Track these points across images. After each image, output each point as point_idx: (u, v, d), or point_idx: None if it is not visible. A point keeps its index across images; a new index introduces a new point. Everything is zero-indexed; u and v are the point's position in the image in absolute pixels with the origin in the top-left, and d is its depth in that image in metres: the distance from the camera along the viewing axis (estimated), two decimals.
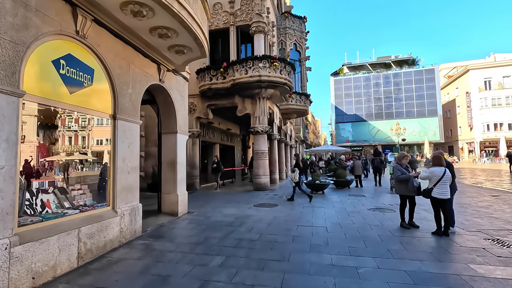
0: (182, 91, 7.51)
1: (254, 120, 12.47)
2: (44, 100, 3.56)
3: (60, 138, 4.15)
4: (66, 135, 4.25)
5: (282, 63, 11.82)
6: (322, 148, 33.56)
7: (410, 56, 52.96)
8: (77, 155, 4.50)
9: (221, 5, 13.24)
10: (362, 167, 13.80)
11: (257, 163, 12.41)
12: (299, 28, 17.99)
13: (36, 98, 3.45)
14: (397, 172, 5.70)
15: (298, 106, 17.42)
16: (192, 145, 13.28)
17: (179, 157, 7.19)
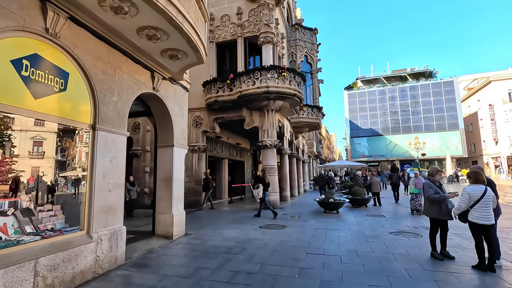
0: (181, 102, 6.97)
1: (262, 133, 11.80)
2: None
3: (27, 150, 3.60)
4: (34, 146, 3.69)
5: (291, 73, 11.23)
6: (337, 164, 32.26)
7: (426, 69, 51.49)
8: (49, 170, 3.93)
9: (229, 16, 12.99)
10: (380, 184, 12.70)
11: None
12: (310, 40, 17.55)
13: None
14: (428, 190, 4.76)
15: (310, 119, 16.67)
16: (198, 160, 12.69)
17: (176, 173, 6.55)
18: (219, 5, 13.32)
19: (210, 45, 13.08)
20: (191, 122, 12.94)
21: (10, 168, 3.38)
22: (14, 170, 3.42)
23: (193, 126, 12.88)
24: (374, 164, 48.52)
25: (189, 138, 12.85)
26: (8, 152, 3.39)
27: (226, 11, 13.08)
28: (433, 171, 4.92)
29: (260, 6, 12.28)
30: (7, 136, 3.36)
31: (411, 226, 7.70)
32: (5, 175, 3.34)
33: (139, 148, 13.47)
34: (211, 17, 13.13)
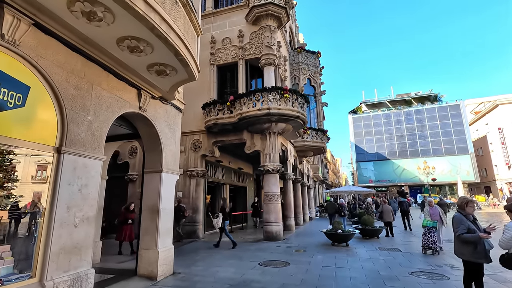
0: (173, 123, 6.40)
1: (264, 157, 11.11)
2: None
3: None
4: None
5: (294, 94, 10.75)
6: (343, 189, 31.07)
7: (431, 93, 51.33)
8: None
9: (230, 39, 12.84)
10: (393, 212, 11.68)
11: (267, 207, 10.74)
12: (312, 63, 17.35)
13: None
14: (459, 226, 3.89)
15: (315, 142, 16.01)
16: (196, 186, 11.94)
17: (164, 202, 5.82)
18: (220, 28, 13.26)
19: (211, 67, 12.84)
20: (189, 146, 12.38)
21: None
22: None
23: (192, 150, 12.28)
24: (382, 189, 46.95)
25: (187, 162, 12.22)
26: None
27: (228, 34, 12.97)
28: (463, 202, 4.03)
29: (262, 29, 12.13)
30: None
31: (434, 264, 6.70)
32: None
33: (135, 173, 12.82)
34: (212, 40, 13.01)
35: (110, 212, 13.68)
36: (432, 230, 7.90)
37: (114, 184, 13.97)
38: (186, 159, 12.29)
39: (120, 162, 13.32)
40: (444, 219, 8.36)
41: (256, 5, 11.95)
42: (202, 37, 14.02)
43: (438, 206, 8.47)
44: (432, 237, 7.86)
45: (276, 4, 11.92)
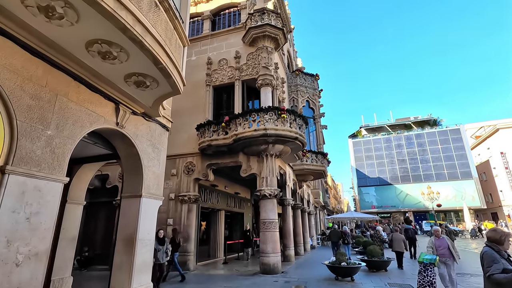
0: (158, 142, 5.81)
1: (260, 181, 10.41)
2: None
3: None
4: None
5: (292, 115, 10.28)
6: (345, 216, 29.87)
7: (430, 117, 51.40)
8: None
9: (227, 60, 12.64)
10: (405, 242, 10.75)
11: (264, 236, 9.85)
12: (311, 85, 17.16)
13: None
14: (492, 265, 3.11)
15: (315, 166, 15.33)
16: (188, 213, 11.11)
17: (143, 232, 5.07)
18: (217, 50, 13.13)
19: (207, 88, 12.52)
20: (182, 169, 11.71)
21: None
22: None
23: (185, 173, 11.60)
24: (385, 215, 45.45)
25: (179, 187, 11.50)
26: None
27: (224, 55, 12.80)
28: (499, 236, 3.21)
29: (259, 50, 11.95)
30: None
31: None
32: None
33: None
34: (209, 61, 12.82)
35: (95, 240, 12.76)
36: (429, 268, 6.18)
37: (102, 210, 13.17)
38: (178, 183, 11.58)
39: (109, 186, 12.61)
40: (456, 254, 6.37)
41: (253, 27, 11.86)
42: (198, 59, 13.92)
43: (446, 237, 6.75)
44: (430, 276, 6.15)
45: (273, 25, 11.83)
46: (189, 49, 13.78)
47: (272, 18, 12.11)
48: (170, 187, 11.65)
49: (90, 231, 12.82)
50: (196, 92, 12.67)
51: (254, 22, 12.00)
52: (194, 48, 13.59)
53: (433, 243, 6.48)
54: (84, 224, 12.97)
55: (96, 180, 12.90)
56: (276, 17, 12.27)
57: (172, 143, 12.31)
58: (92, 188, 12.95)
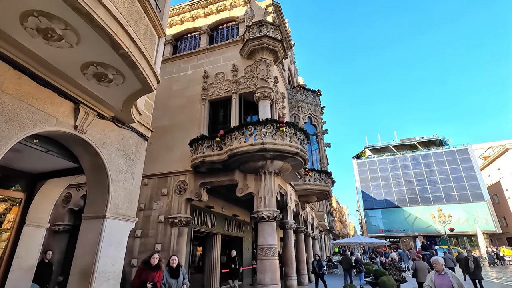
0: (133, 154, 4.96)
1: (258, 202, 9.39)
2: None
3: None
4: None
5: (292, 128, 9.46)
6: (352, 240, 28.11)
7: (436, 137, 50.33)
8: None
9: (224, 74, 12.08)
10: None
11: (262, 264, 8.67)
12: (313, 101, 16.51)
13: None
14: None
15: (318, 186, 14.27)
16: (178, 237, 10.01)
17: (104, 262, 4.09)
18: (214, 63, 12.62)
19: (202, 102, 11.86)
20: (173, 189, 10.76)
21: None
22: None
23: (176, 193, 10.64)
24: (394, 240, 43.17)
25: (169, 208, 10.49)
26: None
27: (221, 69, 12.26)
28: None
29: (257, 62, 11.40)
30: None
31: None
32: None
33: None
34: (205, 74, 12.27)
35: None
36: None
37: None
38: (168, 203, 10.59)
39: None
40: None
41: (251, 38, 11.38)
42: (194, 73, 13.38)
43: (452, 273, 4.72)
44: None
45: (271, 37, 11.36)
46: (185, 63, 13.35)
47: (271, 30, 11.67)
48: (160, 208, 10.65)
49: (64, 258, 11.65)
50: (191, 107, 12.01)
51: (252, 34, 11.56)
52: (191, 62, 13.13)
53: (432, 281, 4.77)
54: (67, 249, 11.88)
55: (81, 200, 11.95)
56: (275, 29, 11.83)
57: (163, 160, 11.48)
58: (77, 210, 12.00)
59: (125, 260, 10.15)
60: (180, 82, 12.83)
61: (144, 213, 10.76)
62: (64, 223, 11.82)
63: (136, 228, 10.65)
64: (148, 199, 10.93)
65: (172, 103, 12.44)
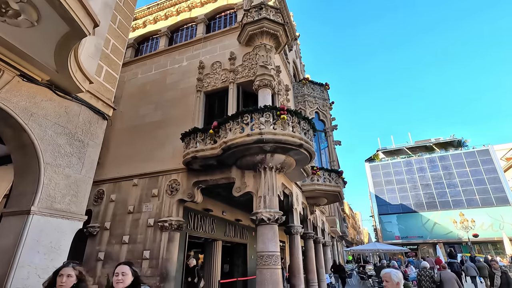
0: (82, 133, 3.88)
1: (257, 202, 8.15)
2: None
3: None
4: None
5: (295, 116, 8.24)
6: (368, 248, 26.25)
7: (454, 138, 47.80)
8: None
9: (220, 63, 11.04)
10: (458, 282, 7.98)
11: (261, 275, 7.37)
12: (320, 95, 15.27)
13: None
14: None
15: (328, 186, 12.91)
16: (168, 243, 8.85)
17: (23, 275, 2.96)
18: (211, 53, 11.62)
19: (198, 94, 10.82)
20: (165, 189, 9.67)
21: None
22: None
23: (167, 194, 9.54)
24: (412, 247, 40.69)
25: (160, 210, 9.38)
26: None
27: (218, 58, 11.23)
28: None
29: (256, 48, 10.31)
30: None
31: None
32: None
33: (97, 225, 10.02)
34: (201, 65, 11.27)
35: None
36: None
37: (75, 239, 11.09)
38: (159, 206, 9.48)
39: None
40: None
41: (249, 22, 10.34)
42: (189, 64, 12.30)
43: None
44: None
45: (271, 20, 10.28)
46: (180, 55, 12.40)
47: (271, 13, 10.60)
48: (149, 211, 9.56)
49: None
50: (185, 100, 10.99)
51: (251, 18, 10.50)
52: (186, 54, 12.17)
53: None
54: None
55: None
56: (276, 12, 10.76)
57: (155, 158, 10.43)
58: None
59: (111, 269, 9.17)
60: (175, 74, 11.87)
61: (133, 216, 9.70)
62: None
63: (123, 234, 9.62)
64: (138, 201, 9.88)
65: (166, 96, 11.48)
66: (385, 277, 2.87)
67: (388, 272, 2.85)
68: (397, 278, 2.77)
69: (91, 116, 4.13)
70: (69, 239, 3.53)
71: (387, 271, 2.88)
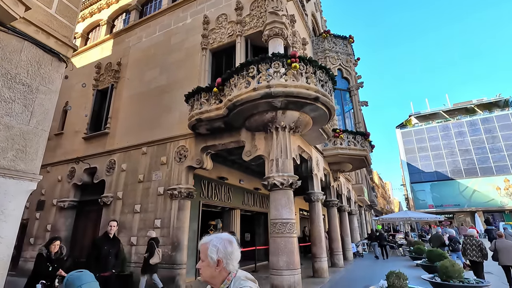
0: (29, 76, 3.15)
1: (269, 165, 7.30)
2: None
3: None
4: None
5: (309, 65, 7.02)
6: (398, 216, 24.97)
7: (500, 98, 42.83)
8: None
9: (226, 16, 9.80)
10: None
11: (275, 243, 6.69)
12: (343, 50, 13.55)
13: None
14: None
15: (353, 150, 11.70)
16: (178, 211, 8.42)
17: None
18: (215, 5, 10.36)
19: (203, 52, 9.80)
20: (173, 156, 9.11)
21: None
22: None
23: (176, 161, 8.98)
24: (448, 216, 38.58)
25: (169, 178, 8.90)
26: None
27: (224, 10, 9.98)
28: None
29: None
30: None
31: None
32: None
33: (110, 195, 9.85)
34: (205, 20, 10.11)
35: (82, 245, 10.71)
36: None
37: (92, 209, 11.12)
38: (168, 173, 9.00)
39: (97, 181, 10.57)
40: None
41: None
42: (193, 20, 10.99)
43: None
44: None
45: None
46: (184, 12, 11.23)
47: None
48: (159, 179, 9.13)
49: (78, 235, 10.87)
50: (190, 61, 10.04)
51: None
52: (190, 9, 11.01)
53: None
54: (73, 226, 11.13)
55: (84, 175, 10.98)
56: None
57: (162, 125, 9.80)
58: (80, 185, 11.08)
59: (125, 238, 9.03)
60: (179, 33, 10.86)
61: (144, 185, 9.36)
62: (69, 199, 10.98)
63: (135, 203, 9.36)
64: (147, 170, 9.47)
65: (170, 59, 10.60)
66: (201, 251, 1.48)
67: (205, 243, 1.46)
68: (217, 254, 1.39)
69: (40, 56, 3.35)
70: (18, 202, 2.90)
71: (204, 241, 1.49)
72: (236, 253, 1.43)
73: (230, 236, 1.49)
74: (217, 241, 1.43)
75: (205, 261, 1.42)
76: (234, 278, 1.37)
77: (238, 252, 1.44)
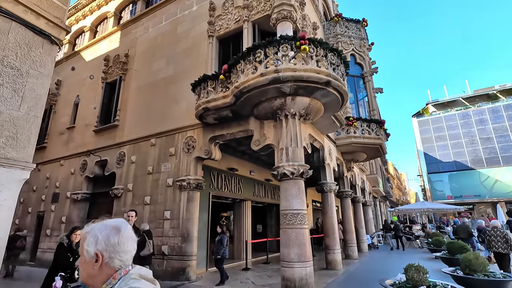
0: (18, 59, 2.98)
1: (278, 155, 7.02)
2: None
3: None
4: None
5: (320, 48, 6.60)
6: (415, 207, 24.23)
7: None
8: None
9: (233, 0, 9.44)
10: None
11: (285, 235, 6.45)
12: (356, 34, 12.91)
13: None
14: None
15: (367, 138, 11.22)
16: (188, 203, 8.31)
17: None
18: None
19: (210, 40, 9.51)
20: (181, 147, 8.97)
21: None
22: None
23: (184, 152, 8.84)
24: (468, 207, 37.21)
25: (178, 169, 8.78)
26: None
27: None
28: None
29: None
30: None
31: None
32: None
33: (121, 187, 9.86)
34: (211, 6, 9.77)
35: None
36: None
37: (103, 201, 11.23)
38: (177, 165, 8.88)
39: (108, 173, 10.61)
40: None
41: None
42: (199, 8, 10.62)
43: None
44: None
45: None
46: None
47: None
48: (168, 170, 9.04)
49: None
50: (197, 50, 9.79)
51: None
52: None
53: None
54: (87, 218, 11.29)
55: (96, 167, 11.06)
56: None
57: (170, 116, 9.65)
58: (92, 177, 11.18)
59: None
60: (185, 22, 10.59)
61: (153, 176, 9.30)
62: (82, 191, 11.11)
63: (145, 195, 9.32)
64: (156, 161, 9.39)
65: (177, 48, 10.38)
66: (80, 243, 1.19)
67: (85, 233, 1.14)
68: (96, 246, 1.07)
69: (30, 38, 3.17)
70: (10, 192, 2.76)
71: (84, 230, 1.17)
72: (127, 244, 1.10)
73: (120, 222, 1.16)
74: (99, 229, 1.11)
75: (82, 256, 1.11)
76: (124, 277, 1.06)
77: (130, 243, 1.12)
